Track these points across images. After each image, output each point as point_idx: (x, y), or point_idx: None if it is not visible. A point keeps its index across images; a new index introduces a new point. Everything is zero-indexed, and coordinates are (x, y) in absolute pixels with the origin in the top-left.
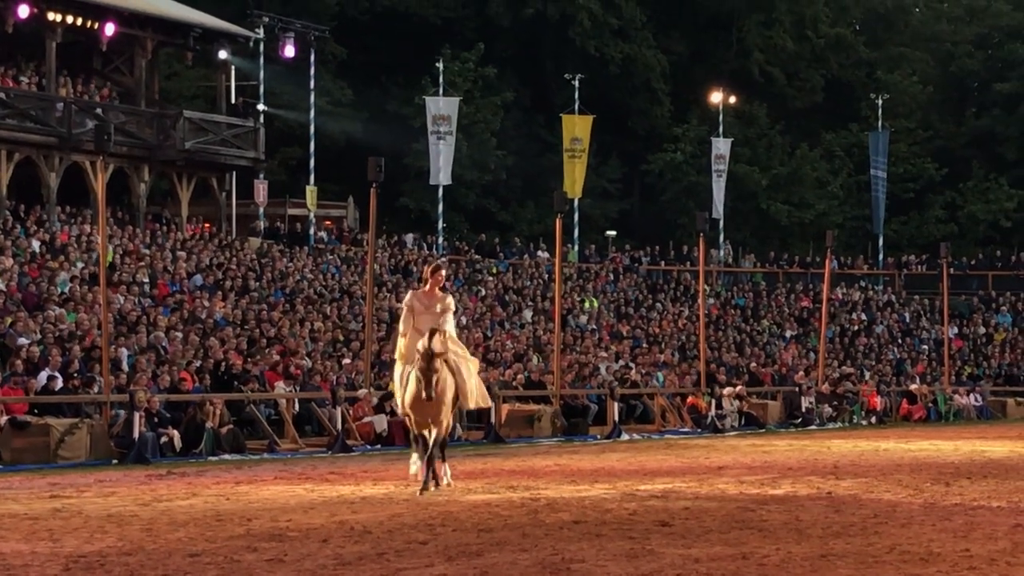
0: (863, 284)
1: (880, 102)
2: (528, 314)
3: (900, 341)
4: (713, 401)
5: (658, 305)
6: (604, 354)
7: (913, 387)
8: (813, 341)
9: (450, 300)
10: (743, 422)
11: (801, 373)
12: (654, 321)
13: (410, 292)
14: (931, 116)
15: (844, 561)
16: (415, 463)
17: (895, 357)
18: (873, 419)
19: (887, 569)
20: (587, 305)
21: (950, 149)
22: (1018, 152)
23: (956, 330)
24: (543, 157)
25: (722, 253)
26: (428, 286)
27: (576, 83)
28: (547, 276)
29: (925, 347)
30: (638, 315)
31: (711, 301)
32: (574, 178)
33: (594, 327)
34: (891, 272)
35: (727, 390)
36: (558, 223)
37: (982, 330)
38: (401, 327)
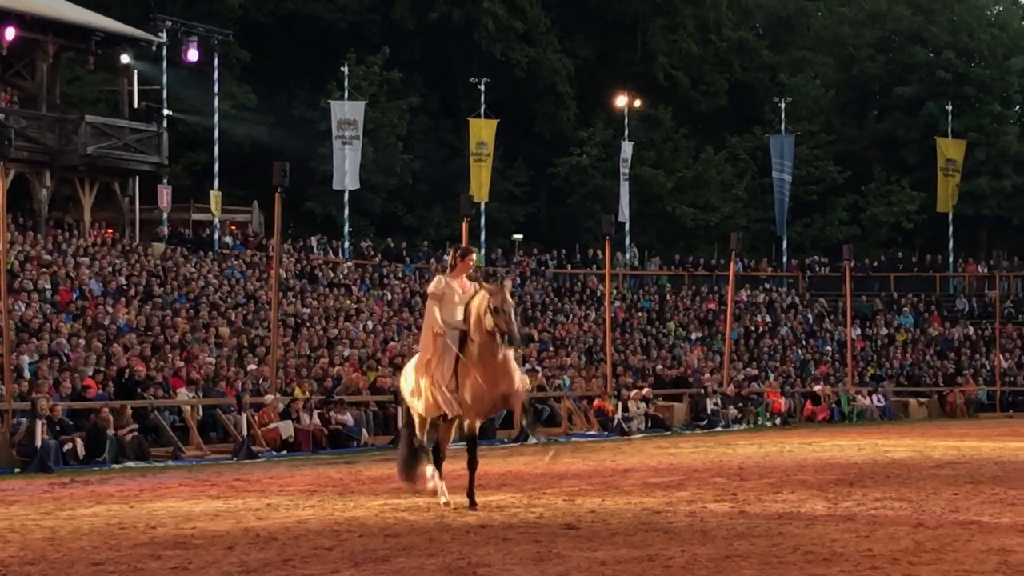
0: (767, 286)
1: (783, 105)
2: None
3: (804, 342)
4: (619, 404)
5: (564, 308)
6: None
7: (817, 388)
8: (718, 343)
9: (483, 292)
10: (649, 424)
11: (707, 375)
12: (560, 324)
13: (438, 277)
14: (833, 119)
15: (748, 562)
16: (445, 493)
17: (799, 358)
18: (777, 420)
19: (791, 570)
20: None
21: (852, 152)
22: (919, 155)
23: (859, 331)
24: (450, 161)
25: (628, 256)
26: (456, 271)
27: (482, 87)
28: None
29: (828, 348)
30: (544, 318)
31: (617, 304)
32: (480, 182)
33: None
34: (795, 274)
35: (633, 392)
36: (464, 227)
37: (884, 331)
38: (427, 318)
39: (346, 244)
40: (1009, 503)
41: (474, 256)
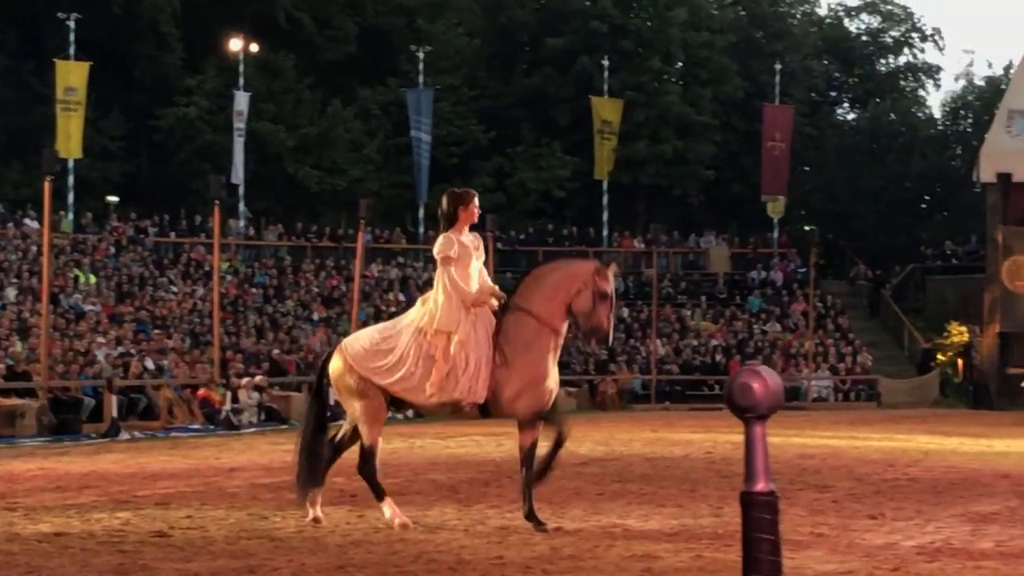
0: (401, 260)
1: (421, 55)
2: (12, 292)
3: None
4: (228, 394)
5: (166, 283)
6: (102, 339)
7: None
8: (344, 325)
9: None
10: (263, 417)
11: None
12: (161, 301)
13: (446, 236)
14: (478, 73)
15: (363, 572)
16: (391, 506)
17: None
18: (410, 412)
19: None
20: (82, 282)
21: (498, 110)
22: (572, 115)
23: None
24: (32, 110)
25: (242, 223)
26: (460, 223)
27: (71, 24)
28: (35, 249)
29: None
30: (143, 294)
31: (228, 279)
32: (69, 134)
33: (91, 308)
34: (432, 246)
35: (244, 380)
36: (47, 187)
37: None
38: (448, 288)
39: None
40: (658, 504)
41: (477, 201)
